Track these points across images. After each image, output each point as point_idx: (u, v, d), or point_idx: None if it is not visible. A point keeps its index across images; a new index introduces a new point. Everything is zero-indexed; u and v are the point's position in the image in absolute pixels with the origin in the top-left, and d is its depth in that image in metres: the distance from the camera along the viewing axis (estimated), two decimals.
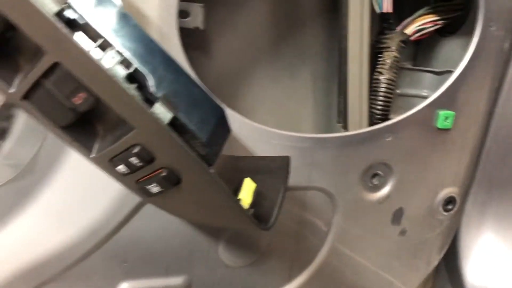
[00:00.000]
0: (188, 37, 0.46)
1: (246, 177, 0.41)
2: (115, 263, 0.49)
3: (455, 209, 0.61)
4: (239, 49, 0.62)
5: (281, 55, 0.65)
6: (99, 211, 0.46)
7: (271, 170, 0.44)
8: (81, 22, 0.31)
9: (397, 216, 0.59)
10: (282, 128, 0.50)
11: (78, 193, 0.46)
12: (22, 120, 0.44)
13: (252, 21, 0.62)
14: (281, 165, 0.44)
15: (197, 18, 0.50)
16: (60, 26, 0.28)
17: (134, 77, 0.32)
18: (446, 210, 0.61)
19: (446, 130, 0.56)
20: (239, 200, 0.36)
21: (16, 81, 0.34)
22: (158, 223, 0.49)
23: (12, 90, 0.33)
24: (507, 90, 0.59)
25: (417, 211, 0.60)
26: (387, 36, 0.60)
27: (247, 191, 0.38)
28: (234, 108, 0.47)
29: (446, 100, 0.55)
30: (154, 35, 0.43)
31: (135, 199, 0.47)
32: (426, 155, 0.57)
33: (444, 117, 0.55)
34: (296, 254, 0.57)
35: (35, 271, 0.46)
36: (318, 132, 0.69)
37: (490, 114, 0.59)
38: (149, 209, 0.48)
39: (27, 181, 0.45)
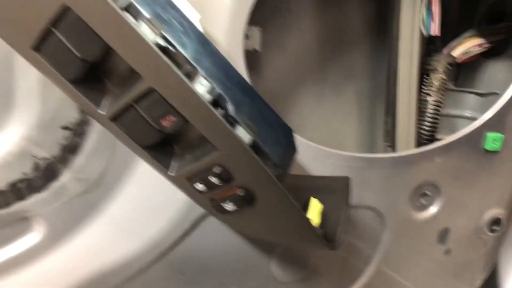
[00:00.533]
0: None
1: (307, 195, 0.42)
2: (174, 275, 0.50)
3: (501, 230, 0.62)
4: (287, 69, 0.64)
5: (327, 74, 0.66)
6: (161, 224, 0.48)
7: (331, 190, 0.45)
8: (172, 50, 0.33)
9: (443, 236, 0.59)
10: (326, 145, 0.52)
11: (142, 207, 0.48)
12: (93, 137, 0.46)
13: (301, 42, 0.64)
14: (341, 185, 0.45)
15: (255, 41, 0.52)
16: (161, 54, 0.30)
17: (217, 102, 0.34)
18: (492, 231, 0.61)
19: (494, 152, 0.57)
20: (309, 220, 0.38)
21: (104, 103, 0.36)
22: (215, 238, 0.50)
23: (102, 112, 0.35)
24: None
25: (463, 231, 0.60)
26: (434, 58, 0.61)
27: (315, 211, 0.39)
28: None
29: (495, 123, 0.56)
30: None
31: (195, 214, 0.48)
32: (474, 176, 0.58)
33: (492, 140, 0.56)
34: (343, 270, 0.58)
35: (100, 280, 0.48)
36: (361, 150, 0.71)
37: None
38: (208, 224, 0.49)
39: (95, 194, 0.47)
